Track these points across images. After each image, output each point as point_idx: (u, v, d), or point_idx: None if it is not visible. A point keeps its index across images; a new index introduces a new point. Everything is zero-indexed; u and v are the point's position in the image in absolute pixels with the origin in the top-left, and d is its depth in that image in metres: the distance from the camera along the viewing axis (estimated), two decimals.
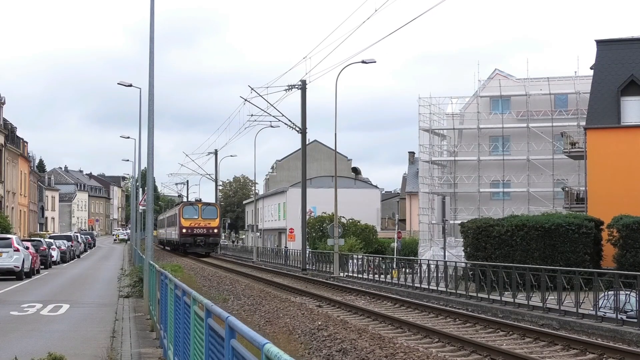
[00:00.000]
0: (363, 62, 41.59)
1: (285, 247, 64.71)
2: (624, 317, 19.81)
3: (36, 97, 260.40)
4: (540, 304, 22.89)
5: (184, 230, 66.63)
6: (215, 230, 68.74)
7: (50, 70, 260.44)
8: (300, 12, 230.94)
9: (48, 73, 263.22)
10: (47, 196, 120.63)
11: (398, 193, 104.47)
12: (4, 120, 72.62)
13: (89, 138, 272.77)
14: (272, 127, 54.66)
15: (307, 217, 52.56)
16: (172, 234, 75.28)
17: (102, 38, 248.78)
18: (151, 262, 21.03)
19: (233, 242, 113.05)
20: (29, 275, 38.37)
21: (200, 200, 73.54)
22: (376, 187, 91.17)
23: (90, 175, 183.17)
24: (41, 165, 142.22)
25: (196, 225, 66.78)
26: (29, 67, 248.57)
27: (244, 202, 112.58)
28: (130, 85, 42.43)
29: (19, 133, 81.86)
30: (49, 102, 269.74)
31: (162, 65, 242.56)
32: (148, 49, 22.98)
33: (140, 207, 59.16)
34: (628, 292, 20.71)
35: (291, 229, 65.59)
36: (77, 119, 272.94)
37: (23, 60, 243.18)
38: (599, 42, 42.14)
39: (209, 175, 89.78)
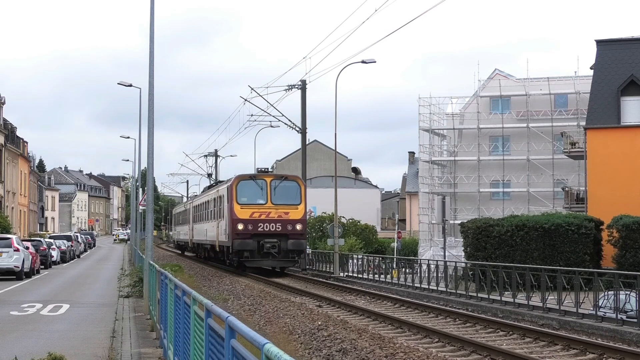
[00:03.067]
0: (363, 62, 41.57)
1: None
2: (624, 317, 19.81)
3: (47, 96, 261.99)
4: (540, 304, 22.89)
5: (240, 227, 38.01)
6: (299, 227, 38.63)
7: (63, 70, 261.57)
8: (300, 12, 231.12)
9: (61, 73, 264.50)
10: (47, 196, 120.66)
11: (398, 193, 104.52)
12: (4, 120, 72.64)
13: (96, 138, 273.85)
14: (272, 127, 54.67)
15: (307, 217, 52.56)
16: (212, 233, 45.09)
17: (117, 39, 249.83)
18: (151, 262, 21.02)
19: None
20: (29, 275, 38.37)
21: (268, 170, 42.28)
22: (376, 187, 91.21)
23: (90, 175, 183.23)
24: (41, 165, 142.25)
25: (264, 217, 38.32)
26: (41, 66, 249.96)
27: None
28: (130, 85, 42.52)
29: (20, 133, 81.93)
30: (59, 102, 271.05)
31: (175, 65, 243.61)
32: (148, 50, 22.99)
33: (140, 207, 59.16)
34: (628, 292, 20.71)
35: None
36: (85, 119, 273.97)
37: (36, 59, 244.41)
38: (599, 42, 42.15)
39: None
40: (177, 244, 75.54)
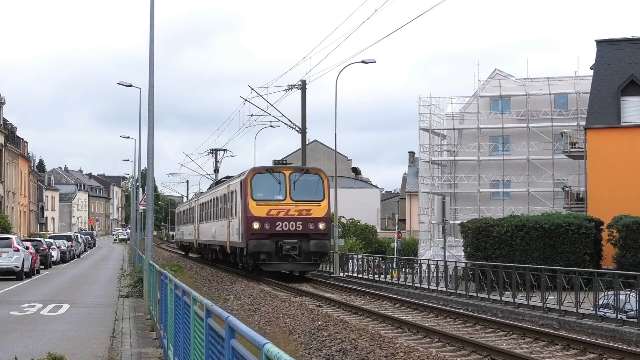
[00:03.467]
0: (363, 62, 41.55)
1: None
2: (624, 317, 19.81)
3: (49, 97, 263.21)
4: (540, 304, 22.89)
5: (256, 226, 34.02)
6: (322, 226, 34.51)
7: (65, 70, 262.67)
8: (300, 12, 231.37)
9: (63, 73, 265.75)
10: (47, 196, 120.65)
11: (398, 193, 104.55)
12: (4, 120, 72.64)
13: (97, 138, 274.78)
14: (272, 127, 54.67)
15: None
16: (222, 232, 40.83)
17: (119, 39, 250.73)
18: (151, 262, 21.02)
19: None
20: (29, 275, 38.38)
21: (286, 163, 37.13)
22: (376, 187, 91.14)
23: (90, 175, 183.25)
24: (41, 165, 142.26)
25: (282, 215, 34.23)
26: (43, 67, 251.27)
27: None
28: (130, 85, 42.60)
29: (21, 133, 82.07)
30: (60, 102, 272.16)
31: (176, 66, 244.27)
32: (148, 50, 23.00)
33: (140, 207, 59.17)
34: (628, 292, 20.71)
35: None
36: (87, 119, 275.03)
37: (38, 60, 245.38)
38: (599, 42, 42.16)
39: (209, 175, 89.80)
40: (180, 245, 71.35)
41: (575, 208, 43.95)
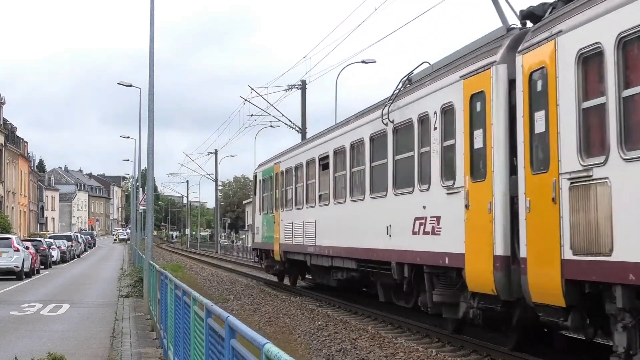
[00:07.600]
0: (363, 62, 41.58)
1: None
2: None
3: (59, 97, 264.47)
4: None
5: None
6: None
7: (75, 71, 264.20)
8: (300, 12, 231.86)
9: (73, 73, 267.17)
10: (47, 196, 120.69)
11: None
12: (4, 120, 72.67)
13: (105, 139, 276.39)
14: (272, 127, 54.67)
15: None
16: None
17: (131, 40, 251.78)
18: (151, 262, 21.03)
19: (233, 242, 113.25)
20: (29, 275, 38.40)
21: None
22: None
23: (90, 175, 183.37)
24: (41, 165, 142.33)
25: None
26: (56, 67, 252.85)
27: (244, 202, 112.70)
28: (130, 85, 42.65)
29: (29, 133, 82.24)
30: (71, 102, 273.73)
31: (194, 66, 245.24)
32: (149, 50, 23.00)
33: (140, 207, 59.18)
34: None
35: None
36: (95, 120, 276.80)
37: (51, 60, 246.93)
38: None
39: (209, 175, 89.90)
40: (286, 259, 27.97)
41: None
